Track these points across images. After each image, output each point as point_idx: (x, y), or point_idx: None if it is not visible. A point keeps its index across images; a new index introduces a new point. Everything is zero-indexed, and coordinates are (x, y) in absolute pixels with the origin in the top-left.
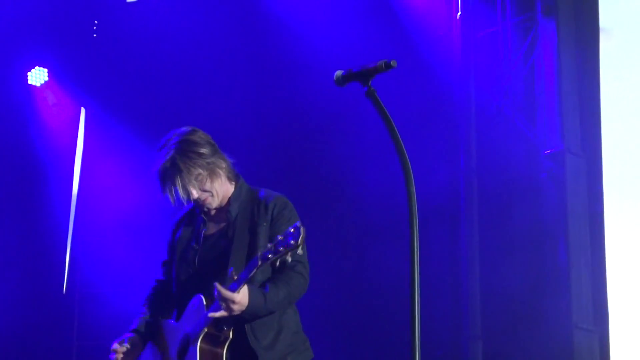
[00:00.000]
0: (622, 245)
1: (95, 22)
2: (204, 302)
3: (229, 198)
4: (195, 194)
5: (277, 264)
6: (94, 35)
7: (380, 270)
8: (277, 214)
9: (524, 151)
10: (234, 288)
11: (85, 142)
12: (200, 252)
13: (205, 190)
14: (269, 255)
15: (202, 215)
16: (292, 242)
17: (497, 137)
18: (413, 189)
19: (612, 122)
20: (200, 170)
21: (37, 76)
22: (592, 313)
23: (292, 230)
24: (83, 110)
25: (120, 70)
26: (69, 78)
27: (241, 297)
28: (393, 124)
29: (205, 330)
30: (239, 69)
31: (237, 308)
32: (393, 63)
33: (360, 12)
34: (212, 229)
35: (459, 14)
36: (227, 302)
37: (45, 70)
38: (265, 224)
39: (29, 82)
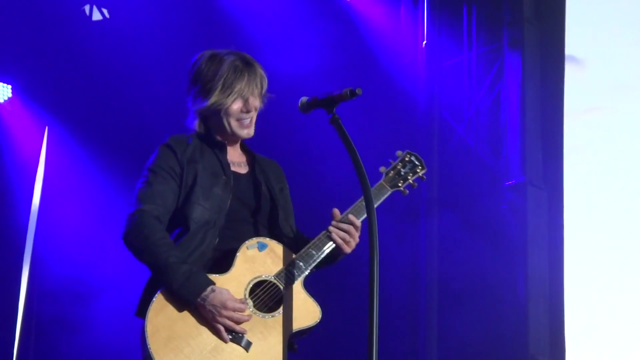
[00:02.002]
0: (581, 278)
1: (61, 40)
2: (282, 245)
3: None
4: (254, 100)
5: None
6: (59, 53)
7: (340, 300)
8: (285, 183)
9: (485, 182)
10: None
11: (47, 160)
12: (234, 189)
13: (256, 108)
14: (400, 184)
15: (225, 146)
16: (419, 166)
17: (459, 167)
18: (374, 218)
19: (574, 155)
20: (263, 91)
21: (1, 92)
22: (549, 345)
23: (407, 157)
24: (47, 129)
25: (84, 89)
26: (32, 95)
27: None
28: (356, 152)
29: (307, 272)
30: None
31: (357, 239)
32: (358, 91)
33: (326, 39)
34: (236, 167)
35: (425, 42)
36: (355, 232)
37: (9, 86)
38: (286, 190)
39: None
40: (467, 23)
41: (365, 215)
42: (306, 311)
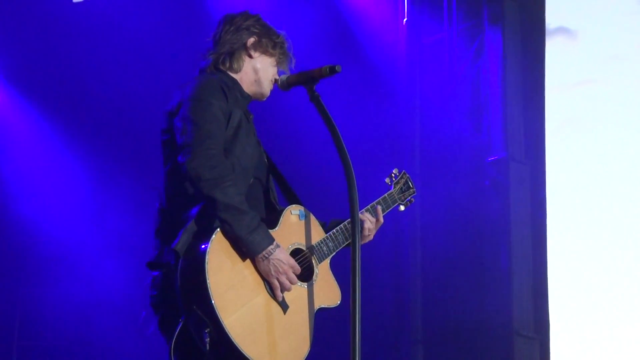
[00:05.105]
0: (564, 253)
1: (40, 21)
2: (316, 220)
3: None
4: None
5: None
6: (39, 34)
7: None
8: None
9: (467, 158)
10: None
11: (26, 142)
12: (257, 150)
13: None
14: (402, 200)
15: (249, 101)
16: (412, 189)
17: (441, 142)
18: (355, 195)
19: (556, 130)
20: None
21: None
22: (532, 320)
23: (405, 177)
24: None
25: (64, 70)
26: (11, 76)
27: None
28: (337, 130)
29: (334, 254)
30: (183, 70)
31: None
32: (338, 68)
33: (307, 17)
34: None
35: (405, 19)
36: (376, 230)
37: None
38: None
39: None
40: None
41: (387, 211)
42: (331, 292)
